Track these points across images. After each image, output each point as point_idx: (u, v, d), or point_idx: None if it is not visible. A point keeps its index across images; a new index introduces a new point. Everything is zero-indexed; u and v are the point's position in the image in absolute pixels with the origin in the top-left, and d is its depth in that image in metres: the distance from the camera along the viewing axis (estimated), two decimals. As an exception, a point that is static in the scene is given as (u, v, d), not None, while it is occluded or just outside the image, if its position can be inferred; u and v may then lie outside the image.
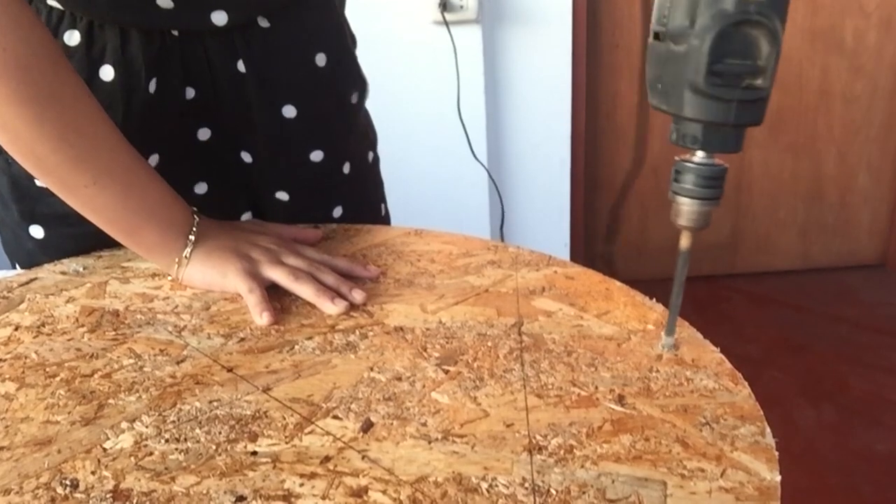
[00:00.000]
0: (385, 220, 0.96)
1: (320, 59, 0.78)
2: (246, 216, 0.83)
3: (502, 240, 2.14)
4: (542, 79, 2.22)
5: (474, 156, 2.16)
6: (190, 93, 0.74)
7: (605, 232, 2.60)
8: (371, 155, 0.92)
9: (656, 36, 0.47)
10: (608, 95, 2.40)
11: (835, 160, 2.52)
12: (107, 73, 0.69)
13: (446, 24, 2.03)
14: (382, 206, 0.95)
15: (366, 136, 0.91)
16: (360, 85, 0.86)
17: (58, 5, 0.67)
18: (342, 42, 0.82)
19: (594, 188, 2.51)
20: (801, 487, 1.64)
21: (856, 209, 2.59)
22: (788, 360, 2.15)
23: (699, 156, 0.48)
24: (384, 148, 0.94)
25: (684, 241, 0.51)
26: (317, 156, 0.82)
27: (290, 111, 0.78)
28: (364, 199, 0.91)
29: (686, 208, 0.49)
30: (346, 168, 0.86)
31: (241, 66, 0.74)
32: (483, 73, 2.13)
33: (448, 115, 2.13)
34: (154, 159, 0.74)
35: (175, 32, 0.71)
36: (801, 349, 2.20)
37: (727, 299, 2.51)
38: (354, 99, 0.85)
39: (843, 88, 2.42)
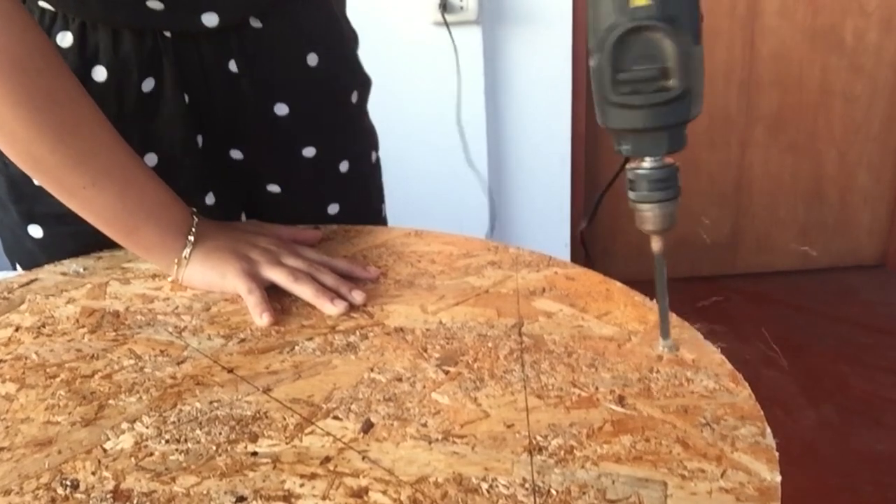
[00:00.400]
0: (383, 222, 0.96)
1: (311, 59, 0.78)
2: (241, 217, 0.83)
3: (490, 233, 2.14)
4: (542, 79, 2.22)
5: (467, 159, 2.16)
6: (184, 97, 0.74)
7: (606, 232, 2.59)
8: (374, 155, 0.92)
9: (588, 53, 0.48)
10: (608, 95, 2.40)
11: (835, 160, 2.52)
12: (99, 73, 0.69)
13: (447, 24, 2.03)
14: (382, 207, 0.95)
15: (368, 136, 0.91)
16: (361, 84, 0.86)
17: (50, 7, 0.68)
18: (338, 41, 0.82)
19: (594, 188, 2.51)
20: (801, 487, 1.64)
21: (856, 209, 2.59)
22: (789, 359, 2.14)
23: (648, 161, 0.49)
24: (384, 149, 0.94)
25: (655, 244, 0.51)
26: (309, 152, 0.82)
27: (282, 109, 0.78)
28: (363, 200, 0.91)
29: (648, 214, 0.50)
30: (344, 167, 0.86)
31: (233, 67, 0.74)
32: (483, 74, 2.13)
33: (448, 115, 2.13)
34: (151, 159, 0.73)
35: (167, 33, 0.71)
36: (801, 349, 2.20)
37: (727, 299, 2.51)
38: (355, 98, 0.85)
39: (844, 88, 2.42)
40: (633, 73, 0.45)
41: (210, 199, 0.79)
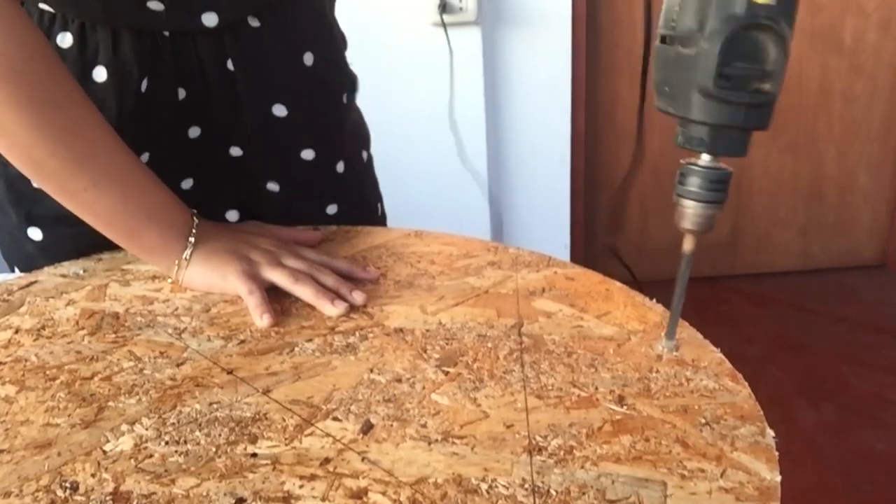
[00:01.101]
0: (381, 219, 0.96)
1: (308, 59, 0.79)
2: (231, 214, 0.83)
3: (493, 236, 2.14)
4: (541, 79, 2.22)
5: (466, 159, 2.16)
6: (181, 93, 0.74)
7: (606, 232, 2.60)
8: (365, 154, 0.92)
9: (663, 39, 0.47)
10: (608, 95, 2.40)
11: (835, 160, 2.52)
12: (99, 74, 0.69)
13: (444, 25, 2.03)
14: (379, 205, 0.95)
15: (359, 134, 0.91)
16: (350, 84, 0.87)
17: (49, 8, 0.68)
18: (331, 42, 0.82)
19: (594, 188, 2.51)
20: (802, 487, 1.64)
21: (856, 209, 2.59)
22: (789, 359, 2.14)
23: (704, 159, 0.48)
24: (382, 149, 0.94)
25: (687, 245, 0.51)
26: (308, 154, 0.82)
27: (280, 110, 0.78)
28: (360, 198, 0.91)
29: (690, 211, 0.49)
30: (340, 167, 0.86)
31: (230, 66, 0.74)
32: (483, 74, 2.13)
33: (448, 116, 2.13)
34: (144, 157, 0.73)
35: (166, 33, 0.71)
36: (801, 349, 2.20)
37: (727, 299, 2.51)
38: (345, 98, 0.85)
39: (843, 88, 2.42)
40: (738, 69, 0.44)
41: (187, 184, 0.79)
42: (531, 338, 0.57)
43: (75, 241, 0.74)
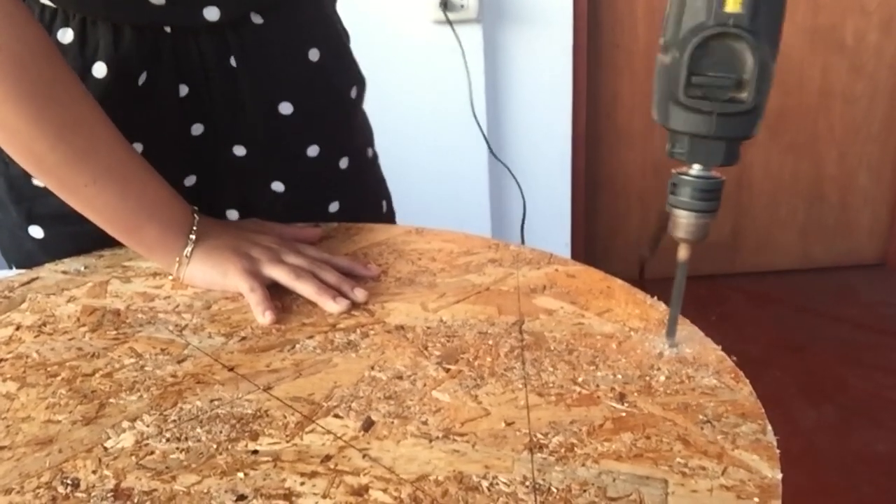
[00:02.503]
0: (387, 217, 0.96)
1: (313, 55, 0.79)
2: (231, 213, 0.83)
3: (522, 240, 2.15)
4: (542, 78, 2.22)
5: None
6: (183, 90, 0.74)
7: (606, 231, 2.59)
8: (370, 151, 0.92)
9: (660, 48, 0.47)
10: (609, 95, 2.40)
11: (835, 160, 2.52)
12: (100, 69, 0.69)
13: (449, 22, 2.03)
14: (384, 203, 0.95)
15: (364, 131, 0.91)
16: (358, 80, 0.86)
17: (50, 3, 0.68)
18: (335, 37, 0.82)
19: (595, 188, 2.51)
20: (801, 487, 1.64)
21: (856, 209, 2.59)
22: (788, 359, 2.14)
23: (695, 168, 0.48)
24: (386, 147, 0.94)
25: (682, 253, 0.51)
26: (313, 150, 0.82)
27: (286, 108, 0.78)
28: (363, 196, 0.91)
29: (684, 221, 0.49)
30: (344, 163, 0.86)
31: (233, 62, 0.74)
32: (484, 73, 2.13)
33: (448, 113, 2.13)
34: (138, 148, 0.73)
35: (168, 29, 0.71)
36: (801, 349, 2.20)
37: (727, 299, 2.51)
38: (353, 94, 0.85)
39: (844, 88, 2.42)
40: (709, 78, 0.44)
41: (190, 181, 0.78)
42: (532, 335, 0.57)
43: (76, 239, 0.74)
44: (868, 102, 2.45)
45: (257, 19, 0.74)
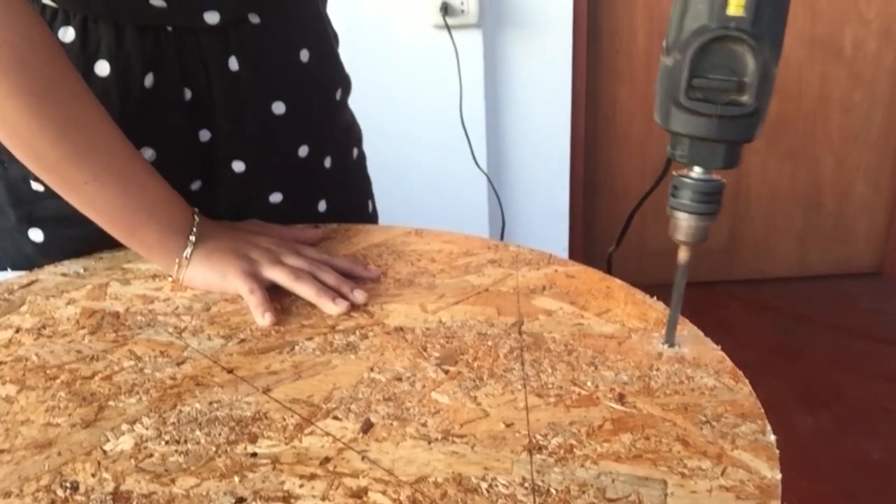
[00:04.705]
0: (372, 217, 0.96)
1: (304, 55, 0.79)
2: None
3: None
4: (542, 83, 2.23)
5: (466, 161, 2.16)
6: (187, 93, 0.74)
7: (604, 236, 2.60)
8: (356, 151, 0.92)
9: (663, 49, 0.47)
10: (608, 100, 2.41)
11: (833, 168, 2.53)
12: (102, 68, 0.69)
13: (448, 27, 2.03)
14: (369, 202, 0.95)
15: (350, 132, 0.91)
16: (344, 81, 0.87)
17: (51, 2, 0.68)
18: (325, 38, 0.83)
19: (594, 192, 2.52)
20: (798, 495, 1.63)
21: (853, 217, 2.60)
22: (785, 367, 2.14)
23: (696, 171, 0.48)
24: (385, 151, 0.94)
25: (682, 255, 0.51)
26: (303, 150, 0.82)
27: (279, 108, 0.78)
28: (349, 195, 0.91)
29: (684, 223, 0.49)
30: (328, 162, 0.86)
31: (233, 63, 0.74)
32: (483, 78, 2.13)
33: (448, 118, 2.13)
34: (149, 154, 0.73)
35: (169, 28, 0.71)
36: (797, 356, 2.20)
37: (724, 305, 2.51)
38: (338, 95, 0.86)
39: (842, 96, 2.43)
40: (710, 81, 0.44)
41: (196, 185, 0.78)
42: (531, 336, 0.57)
43: (76, 242, 0.74)
44: (866, 110, 2.45)
45: (255, 20, 0.74)
